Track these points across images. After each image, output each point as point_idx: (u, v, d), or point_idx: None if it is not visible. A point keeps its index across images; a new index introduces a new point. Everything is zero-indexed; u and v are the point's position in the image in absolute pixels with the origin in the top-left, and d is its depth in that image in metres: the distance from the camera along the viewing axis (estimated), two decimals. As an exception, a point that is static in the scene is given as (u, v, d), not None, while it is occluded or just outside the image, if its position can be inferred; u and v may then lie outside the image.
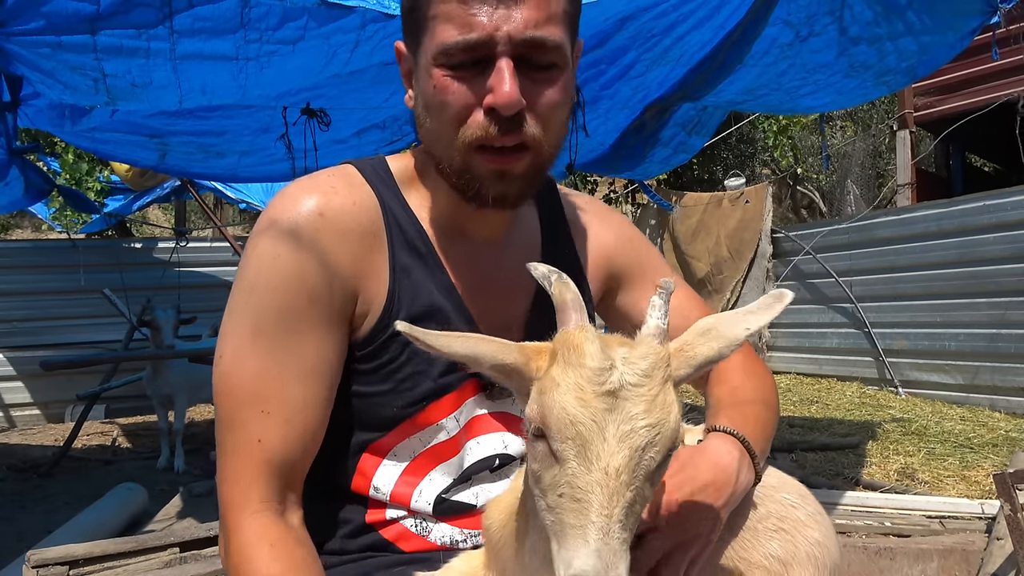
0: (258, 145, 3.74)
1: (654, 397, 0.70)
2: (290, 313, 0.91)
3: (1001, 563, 2.12)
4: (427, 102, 0.96)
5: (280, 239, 0.92)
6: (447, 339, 0.75)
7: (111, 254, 7.75)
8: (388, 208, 1.01)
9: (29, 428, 7.38)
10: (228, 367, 0.92)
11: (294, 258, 0.92)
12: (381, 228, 1.00)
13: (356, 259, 0.96)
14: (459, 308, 1.03)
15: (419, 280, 1.01)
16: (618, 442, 0.68)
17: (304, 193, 0.96)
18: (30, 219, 14.93)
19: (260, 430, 0.90)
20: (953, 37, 3.12)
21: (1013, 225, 6.11)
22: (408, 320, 0.95)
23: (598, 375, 0.70)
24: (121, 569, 2.01)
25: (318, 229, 0.93)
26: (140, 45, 2.07)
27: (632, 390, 0.70)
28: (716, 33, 3.26)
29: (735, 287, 8.84)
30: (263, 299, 0.91)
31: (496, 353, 0.76)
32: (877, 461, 4.76)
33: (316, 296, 0.92)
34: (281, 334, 0.91)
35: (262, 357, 0.90)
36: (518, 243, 1.12)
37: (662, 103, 3.82)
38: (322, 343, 0.93)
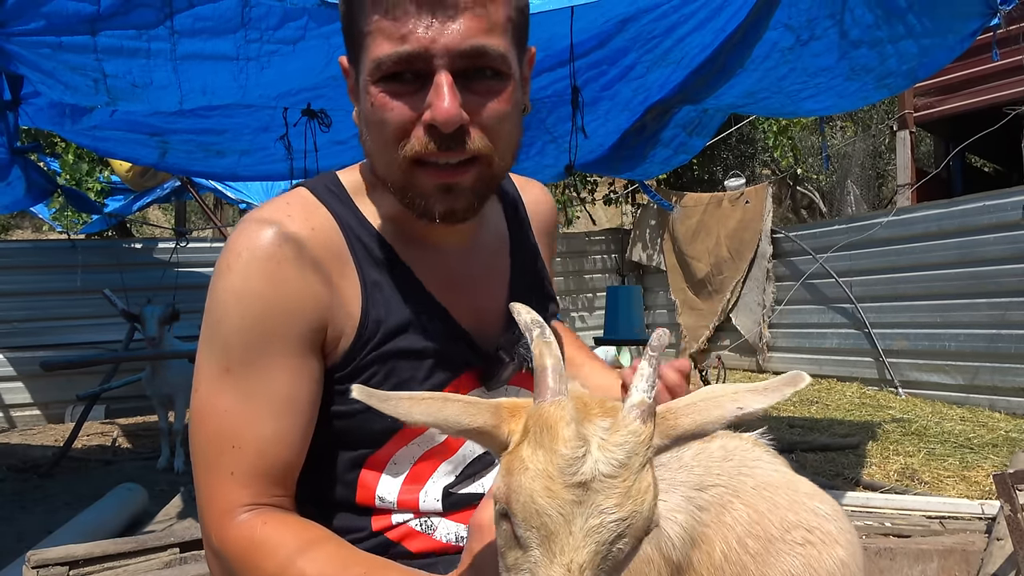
0: (258, 144, 3.75)
1: (628, 488, 0.66)
2: (257, 349, 0.90)
3: (1001, 563, 2.12)
4: (367, 119, 0.94)
5: (242, 274, 0.91)
6: (408, 404, 0.71)
7: (111, 254, 7.75)
8: (348, 226, 0.99)
9: (29, 428, 7.38)
10: (201, 403, 0.91)
11: (258, 294, 0.90)
12: (344, 248, 0.98)
13: (322, 285, 0.94)
14: (436, 316, 1.01)
15: (391, 294, 0.99)
16: (584, 536, 0.65)
17: (262, 226, 0.93)
18: (30, 219, 14.93)
19: (232, 464, 0.90)
20: (953, 39, 3.12)
21: (1013, 225, 6.11)
22: (386, 335, 0.96)
23: (569, 464, 0.65)
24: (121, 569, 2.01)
25: (279, 261, 0.91)
26: (140, 46, 2.07)
27: (605, 481, 0.65)
28: (717, 36, 3.26)
29: (735, 287, 8.84)
30: (229, 336, 0.90)
31: (462, 416, 0.71)
32: (877, 461, 4.76)
33: (283, 330, 0.91)
34: (250, 370, 0.90)
35: (231, 394, 0.90)
36: (487, 241, 1.12)
37: (663, 105, 3.82)
38: (293, 375, 0.92)
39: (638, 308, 7.23)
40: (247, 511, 0.90)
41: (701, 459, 1.01)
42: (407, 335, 0.98)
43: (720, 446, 1.04)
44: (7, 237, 15.02)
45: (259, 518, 0.89)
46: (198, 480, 0.93)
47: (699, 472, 0.98)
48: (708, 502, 0.97)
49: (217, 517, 0.90)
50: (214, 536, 0.91)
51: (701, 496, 0.97)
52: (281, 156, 3.55)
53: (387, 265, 1.00)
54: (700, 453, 1.01)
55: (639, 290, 7.78)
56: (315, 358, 0.95)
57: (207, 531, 0.92)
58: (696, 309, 9.39)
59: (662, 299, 10.09)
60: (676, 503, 0.94)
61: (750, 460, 1.06)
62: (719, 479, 1.00)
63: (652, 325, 10.19)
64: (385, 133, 0.91)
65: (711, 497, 0.98)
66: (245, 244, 0.92)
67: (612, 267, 10.59)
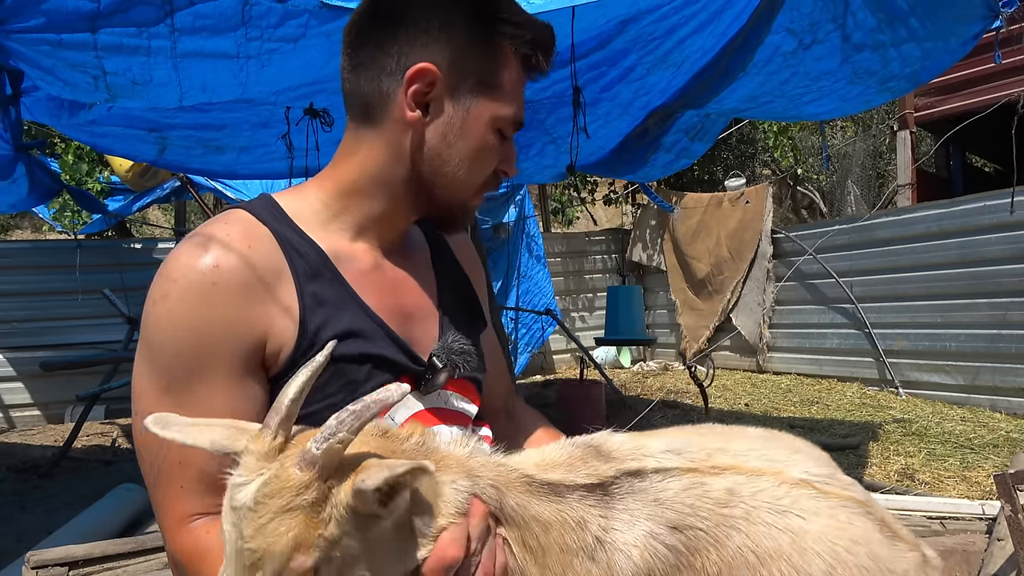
0: (257, 141, 3.73)
1: (263, 525, 0.71)
2: (196, 371, 0.93)
3: (1002, 564, 2.12)
4: (467, 148, 1.06)
5: (179, 298, 0.93)
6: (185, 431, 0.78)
7: (111, 254, 7.75)
8: (286, 241, 1.02)
9: (29, 429, 7.38)
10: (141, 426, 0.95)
11: (195, 316, 0.93)
12: (283, 262, 1.00)
13: (259, 304, 0.97)
14: (374, 323, 1.05)
15: (329, 304, 1.02)
16: (234, 555, 0.72)
17: (198, 250, 0.96)
18: (30, 219, 14.94)
19: (180, 479, 0.94)
20: (956, 42, 3.11)
21: (1014, 225, 6.11)
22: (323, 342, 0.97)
23: (233, 490, 0.73)
24: (121, 570, 2.00)
25: (215, 284, 0.94)
26: (141, 43, 2.07)
27: (247, 513, 0.71)
28: (718, 40, 3.26)
29: (735, 287, 8.84)
30: (168, 360, 0.93)
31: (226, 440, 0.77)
32: (877, 462, 4.76)
33: (221, 351, 0.93)
34: (190, 391, 0.93)
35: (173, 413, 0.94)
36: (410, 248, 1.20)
37: (665, 110, 3.82)
38: (234, 395, 0.95)
39: (638, 308, 7.24)
40: (196, 519, 0.95)
41: (691, 497, 0.88)
42: (348, 341, 1.01)
43: (727, 488, 0.88)
44: (7, 237, 15.02)
45: (204, 527, 0.94)
46: (152, 492, 0.97)
47: (681, 510, 0.87)
48: (681, 543, 0.86)
49: (170, 525, 0.95)
50: (168, 543, 0.96)
51: (673, 535, 0.86)
52: (280, 154, 3.54)
53: (325, 276, 1.03)
54: (694, 489, 0.88)
55: (639, 290, 7.79)
56: (255, 377, 0.97)
57: (164, 539, 0.98)
58: (696, 309, 9.39)
59: (662, 299, 10.09)
60: (636, 537, 0.85)
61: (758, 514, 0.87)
62: (704, 523, 0.87)
63: (652, 325, 10.19)
64: (484, 168, 1.08)
65: (686, 539, 0.86)
66: (182, 269, 0.95)
67: (612, 267, 10.59)
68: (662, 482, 0.88)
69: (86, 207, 5.93)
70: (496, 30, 1.03)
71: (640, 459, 0.91)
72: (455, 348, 1.10)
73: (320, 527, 0.72)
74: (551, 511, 0.85)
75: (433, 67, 1.01)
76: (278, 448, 0.75)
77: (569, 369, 9.94)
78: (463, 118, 1.04)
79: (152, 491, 0.97)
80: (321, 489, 0.72)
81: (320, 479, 0.72)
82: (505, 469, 0.87)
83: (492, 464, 0.87)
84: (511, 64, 1.05)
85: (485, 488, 0.84)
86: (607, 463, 0.90)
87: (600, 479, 0.88)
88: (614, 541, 0.85)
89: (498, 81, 1.04)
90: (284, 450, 0.75)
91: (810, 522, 0.88)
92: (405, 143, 1.05)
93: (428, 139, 1.04)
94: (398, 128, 1.04)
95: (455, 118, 1.04)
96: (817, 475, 0.93)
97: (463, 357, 1.09)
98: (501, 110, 1.05)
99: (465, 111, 1.04)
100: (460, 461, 0.85)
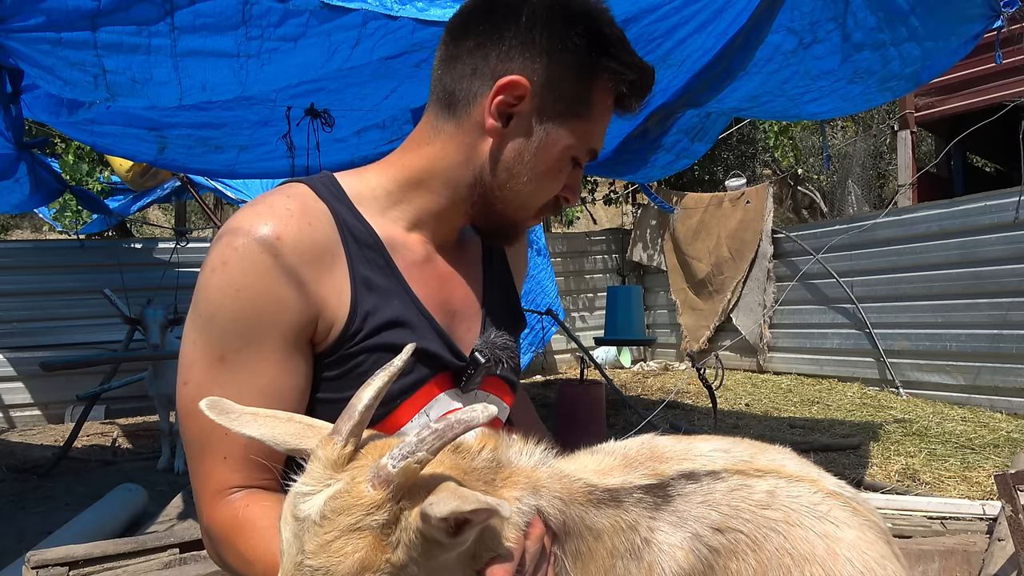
0: (257, 139, 3.73)
1: (329, 543, 0.67)
2: (251, 340, 0.93)
3: (1002, 564, 2.12)
4: (539, 169, 1.06)
5: (238, 268, 0.93)
6: (243, 420, 0.75)
7: (111, 254, 7.75)
8: (343, 223, 1.02)
9: (29, 429, 7.38)
10: (194, 392, 0.94)
11: (253, 288, 0.93)
12: (338, 243, 1.00)
13: (315, 281, 0.97)
14: (421, 315, 1.05)
15: (379, 291, 1.02)
16: (293, 567, 0.69)
17: (260, 219, 0.96)
18: (30, 219, 14.95)
19: (224, 449, 0.94)
20: (956, 42, 3.11)
21: (1014, 225, 6.11)
22: (374, 328, 1.00)
23: (298, 498, 0.70)
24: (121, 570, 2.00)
25: (275, 256, 0.94)
26: (141, 42, 2.07)
27: (312, 526, 0.68)
28: (719, 39, 3.25)
29: (736, 287, 8.83)
30: (224, 328, 0.93)
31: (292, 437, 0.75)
32: (878, 462, 4.75)
33: (276, 323, 0.94)
34: (241, 361, 0.93)
35: (224, 384, 0.93)
36: (463, 243, 1.19)
37: (665, 109, 3.81)
38: (282, 366, 0.95)
39: (638, 308, 7.24)
40: (236, 492, 0.95)
41: (736, 499, 0.89)
42: (394, 331, 1.01)
43: (768, 491, 0.90)
44: (7, 237, 15.02)
45: (244, 500, 0.94)
46: (192, 463, 0.97)
47: (725, 512, 0.88)
48: (722, 545, 0.88)
49: (208, 497, 0.95)
50: (205, 514, 0.96)
51: (716, 537, 0.88)
52: (280, 153, 3.54)
53: (377, 263, 1.03)
54: (738, 491, 0.89)
55: (639, 290, 7.79)
56: (304, 353, 0.98)
57: (200, 510, 0.97)
58: (697, 309, 9.38)
59: (662, 299, 10.09)
60: (682, 539, 0.87)
61: (796, 517, 0.89)
62: (745, 525, 0.88)
63: (652, 325, 10.19)
64: (549, 189, 1.08)
65: (727, 541, 0.88)
66: (243, 238, 0.94)
67: (612, 267, 10.59)
68: (712, 484, 0.89)
69: (89, 207, 5.93)
70: (602, 64, 1.02)
71: (692, 459, 0.91)
72: (498, 343, 1.10)
73: (387, 551, 0.68)
74: (608, 519, 0.85)
75: (526, 82, 1.00)
76: (348, 457, 0.72)
77: (570, 369, 9.93)
78: (542, 139, 1.03)
79: (192, 461, 0.97)
80: (393, 511, 0.68)
81: (393, 500, 0.68)
82: (569, 480, 0.85)
83: (557, 476, 0.85)
84: (605, 99, 1.05)
85: (552, 502, 0.82)
86: (664, 463, 0.90)
87: (659, 478, 0.88)
88: (660, 542, 0.86)
89: (588, 113, 1.04)
90: (353, 459, 0.72)
91: (843, 531, 0.89)
92: (479, 148, 1.04)
93: (502, 151, 1.04)
94: (476, 131, 1.03)
95: (535, 138, 1.03)
96: (848, 492, 0.96)
97: (506, 352, 1.10)
98: (582, 140, 1.05)
99: (545, 133, 1.03)
100: (527, 474, 0.83)
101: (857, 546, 0.88)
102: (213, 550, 0.97)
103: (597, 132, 1.07)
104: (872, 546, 0.90)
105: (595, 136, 1.07)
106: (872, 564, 0.88)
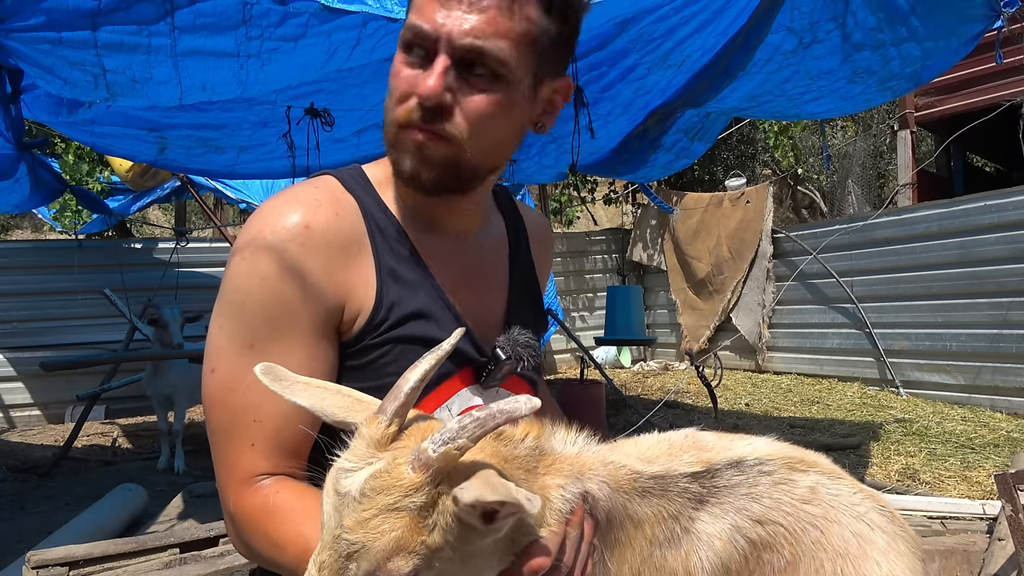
0: (257, 140, 3.73)
1: (367, 520, 0.68)
2: (279, 329, 0.94)
3: (1002, 564, 2.12)
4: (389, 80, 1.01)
5: (267, 256, 0.94)
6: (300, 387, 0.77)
7: (111, 254, 7.75)
8: (370, 214, 1.03)
9: (29, 429, 7.38)
10: (223, 379, 0.95)
11: (282, 275, 0.94)
12: (364, 234, 1.02)
13: (342, 271, 0.98)
14: (445, 305, 1.05)
15: (405, 282, 1.03)
16: (331, 540, 0.70)
17: (288, 208, 0.97)
18: (30, 219, 14.94)
19: (252, 436, 0.94)
20: (956, 42, 3.11)
21: (1014, 225, 6.11)
22: (399, 319, 1.00)
23: (340, 473, 0.72)
24: (121, 570, 2.01)
25: (303, 244, 0.95)
26: (141, 41, 2.07)
27: (351, 502, 0.70)
28: (719, 39, 3.25)
29: (736, 287, 8.83)
30: (254, 316, 0.94)
31: (339, 410, 0.77)
32: (878, 462, 4.75)
33: (303, 312, 0.95)
34: (270, 349, 0.94)
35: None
36: (489, 239, 1.17)
37: (666, 109, 3.81)
38: (310, 354, 0.96)
39: (638, 308, 7.24)
40: (264, 479, 0.95)
41: (779, 492, 0.90)
42: (419, 322, 1.01)
43: (811, 486, 0.91)
44: (7, 237, 15.01)
45: (274, 487, 0.94)
46: (217, 450, 0.97)
47: (767, 504, 0.89)
48: (760, 537, 0.89)
49: (236, 484, 0.95)
50: (232, 501, 0.96)
51: (756, 529, 0.89)
52: (280, 153, 3.54)
53: (403, 255, 1.04)
54: (782, 484, 0.90)
55: (639, 290, 7.79)
56: (330, 341, 0.99)
57: (225, 496, 0.97)
58: (697, 309, 9.39)
59: (663, 299, 10.09)
60: (721, 529, 0.88)
61: (835, 514, 0.90)
62: (785, 519, 0.89)
63: (652, 325, 10.19)
64: (392, 95, 0.99)
65: (765, 533, 0.89)
66: (272, 226, 0.96)
67: (612, 267, 10.59)
68: (757, 476, 0.90)
69: (90, 207, 5.93)
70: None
71: (739, 449, 0.91)
72: (520, 341, 1.08)
73: (424, 533, 0.69)
74: (651, 507, 0.85)
75: None
76: (391, 436, 0.73)
77: (569, 369, 9.93)
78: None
79: (218, 449, 0.97)
80: (431, 494, 0.69)
81: (432, 484, 0.69)
82: (614, 467, 0.86)
83: (602, 462, 0.86)
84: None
85: (600, 486, 0.83)
86: (709, 452, 0.90)
87: (706, 465, 0.88)
88: (699, 531, 0.86)
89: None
90: (397, 439, 0.74)
91: (876, 534, 0.91)
92: None
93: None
94: None
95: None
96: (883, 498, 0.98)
97: (528, 351, 1.08)
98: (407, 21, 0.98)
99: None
100: (571, 461, 0.84)
101: (889, 552, 0.90)
102: (239, 538, 0.97)
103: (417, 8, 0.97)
104: (904, 556, 0.91)
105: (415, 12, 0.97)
106: (897, 573, 0.89)
